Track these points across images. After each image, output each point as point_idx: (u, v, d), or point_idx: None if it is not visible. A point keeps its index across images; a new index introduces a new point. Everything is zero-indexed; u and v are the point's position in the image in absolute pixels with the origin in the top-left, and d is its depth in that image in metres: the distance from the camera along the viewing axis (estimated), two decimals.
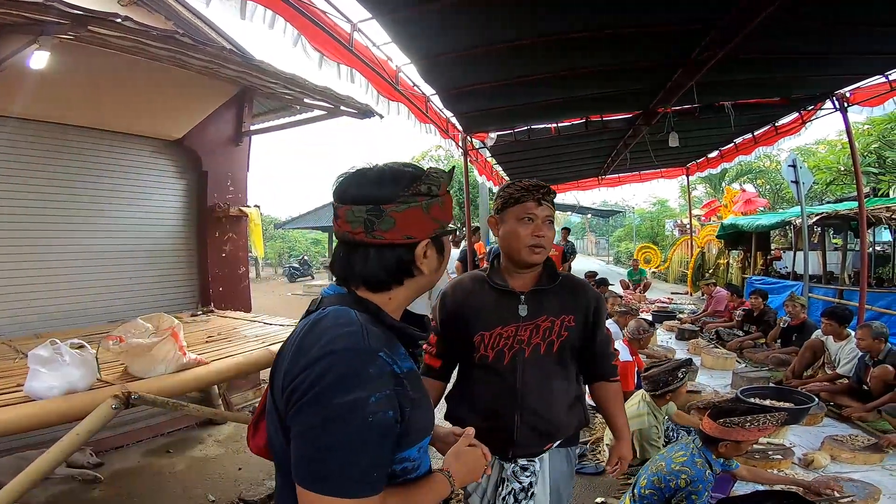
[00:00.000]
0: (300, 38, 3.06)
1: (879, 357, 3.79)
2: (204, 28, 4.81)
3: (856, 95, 5.44)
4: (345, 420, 0.74)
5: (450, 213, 0.96)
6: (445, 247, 0.99)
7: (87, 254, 4.22)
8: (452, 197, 0.98)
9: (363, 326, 0.83)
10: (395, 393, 0.79)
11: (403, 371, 0.83)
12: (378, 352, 0.80)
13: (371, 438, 0.75)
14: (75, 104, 3.89)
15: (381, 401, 0.76)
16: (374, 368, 0.78)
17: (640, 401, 3.36)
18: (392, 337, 0.89)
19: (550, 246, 1.60)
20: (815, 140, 17.20)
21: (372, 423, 0.74)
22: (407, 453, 0.86)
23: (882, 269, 9.63)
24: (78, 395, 2.00)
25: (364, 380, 0.76)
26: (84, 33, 2.83)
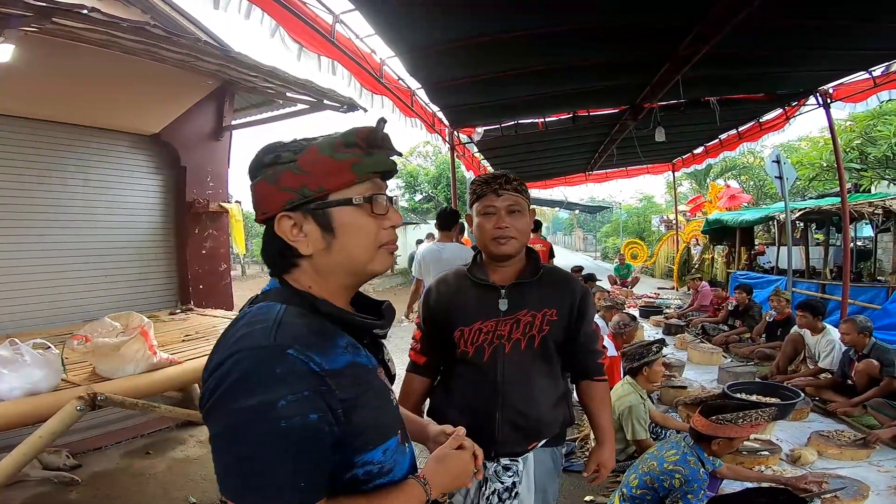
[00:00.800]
0: (278, 29, 2.97)
1: (864, 351, 3.80)
2: (183, 22, 4.69)
3: (839, 91, 5.47)
4: (249, 427, 0.66)
5: (324, 178, 0.80)
6: (338, 221, 0.82)
7: (60, 252, 4.09)
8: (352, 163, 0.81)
9: (276, 321, 0.74)
10: (317, 394, 0.69)
11: (331, 368, 0.73)
12: (287, 349, 0.70)
13: (287, 445, 0.66)
14: (47, 98, 3.77)
15: (296, 403, 0.67)
16: (283, 367, 0.68)
17: (624, 383, 3.36)
18: (330, 328, 0.80)
19: (522, 235, 1.55)
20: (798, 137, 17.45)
21: (287, 428, 0.66)
22: (368, 456, 0.79)
23: (863, 264, 9.76)
24: (41, 396, 1.92)
25: (270, 381, 0.67)
26: (49, 25, 2.73)
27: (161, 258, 4.83)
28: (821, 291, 7.22)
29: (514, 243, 1.53)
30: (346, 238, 0.83)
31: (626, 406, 3.18)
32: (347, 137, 0.82)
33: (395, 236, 0.89)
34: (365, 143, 0.83)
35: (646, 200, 28.67)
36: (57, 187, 4.06)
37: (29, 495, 3.30)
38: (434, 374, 1.72)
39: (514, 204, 1.54)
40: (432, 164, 20.51)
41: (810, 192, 14.15)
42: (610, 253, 25.62)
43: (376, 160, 0.84)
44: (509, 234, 1.52)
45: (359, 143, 0.82)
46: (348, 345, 0.81)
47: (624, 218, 28.29)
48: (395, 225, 0.88)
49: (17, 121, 3.82)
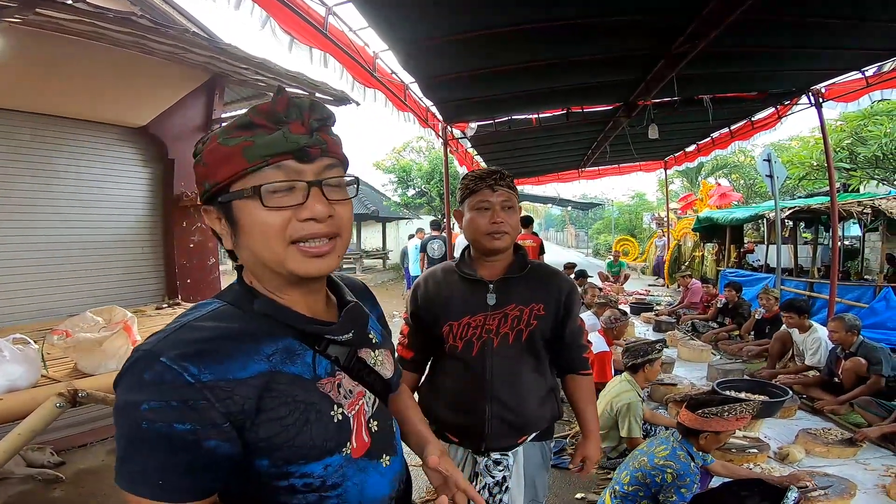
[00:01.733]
0: (269, 20, 2.91)
1: (851, 349, 3.83)
2: (173, 14, 4.60)
3: (831, 91, 5.50)
4: (119, 414, 0.67)
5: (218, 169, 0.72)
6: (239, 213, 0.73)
7: (44, 245, 4.00)
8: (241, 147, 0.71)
9: (177, 325, 0.71)
10: (187, 405, 0.64)
11: (215, 380, 0.66)
12: (160, 357, 0.65)
13: (146, 445, 0.64)
14: (32, 90, 3.68)
15: (159, 410, 0.64)
16: (150, 375, 0.65)
17: (623, 380, 3.36)
18: (257, 333, 0.73)
19: (514, 231, 1.57)
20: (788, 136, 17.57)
21: (147, 430, 0.64)
22: (307, 468, 0.73)
23: (851, 263, 9.87)
24: (20, 393, 1.87)
25: (137, 384, 0.65)
26: (33, 16, 2.67)
27: (148, 252, 4.76)
28: (809, 290, 7.28)
29: (507, 238, 1.55)
30: (247, 234, 0.74)
31: (626, 403, 3.17)
32: (241, 118, 0.72)
33: (315, 230, 0.73)
34: (267, 120, 0.71)
35: (637, 198, 28.79)
36: (41, 180, 3.98)
37: (12, 493, 3.24)
38: (421, 370, 1.73)
39: (508, 200, 1.56)
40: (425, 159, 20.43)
41: (800, 191, 14.27)
42: (602, 250, 25.71)
43: (272, 140, 0.70)
44: (504, 229, 1.53)
45: (255, 122, 0.71)
46: (276, 352, 0.73)
47: (616, 215, 28.40)
48: (314, 216, 0.72)
49: (4, 113, 3.73)
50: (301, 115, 0.73)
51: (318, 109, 0.75)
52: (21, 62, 3.27)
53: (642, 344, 3.45)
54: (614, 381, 3.48)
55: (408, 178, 18.27)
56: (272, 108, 0.72)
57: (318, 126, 0.74)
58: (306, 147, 0.72)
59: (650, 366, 3.33)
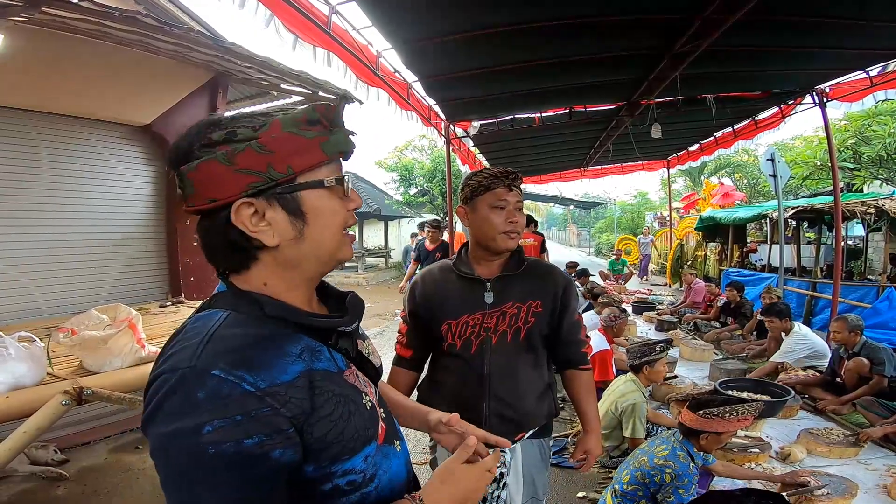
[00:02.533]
0: (273, 19, 2.92)
1: (854, 349, 3.82)
2: (177, 12, 4.62)
3: (835, 91, 5.48)
4: (172, 453, 0.60)
5: (292, 158, 0.71)
6: (308, 206, 0.74)
7: (49, 243, 4.02)
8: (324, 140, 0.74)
9: (207, 336, 0.66)
10: (252, 417, 0.61)
11: (272, 385, 0.64)
12: (211, 370, 0.61)
13: (215, 474, 0.59)
14: (37, 89, 3.70)
15: (226, 429, 0.59)
16: (204, 392, 0.60)
17: (627, 380, 3.36)
18: (279, 335, 0.71)
19: (522, 231, 1.60)
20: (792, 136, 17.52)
21: (214, 454, 0.59)
22: (349, 465, 0.72)
23: (854, 263, 9.84)
24: (25, 390, 1.88)
25: (190, 406, 0.60)
26: (39, 15, 2.67)
27: (151, 250, 4.77)
28: (811, 290, 7.27)
29: (518, 238, 1.58)
30: (318, 224, 0.74)
31: (630, 403, 3.17)
32: (310, 114, 0.74)
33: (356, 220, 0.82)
34: (326, 121, 0.75)
35: (640, 197, 28.73)
36: (47, 178, 4.00)
37: (16, 491, 3.25)
38: (419, 368, 1.74)
39: (520, 201, 1.59)
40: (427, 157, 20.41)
41: (803, 190, 14.22)
42: (604, 249, 25.68)
43: (340, 139, 0.76)
44: (518, 229, 1.56)
45: (321, 119, 0.74)
46: (303, 351, 0.72)
47: (618, 214, 28.36)
48: (358, 207, 0.81)
49: (7, 111, 3.75)
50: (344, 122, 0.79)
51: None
52: (26, 61, 3.28)
53: (641, 346, 3.46)
54: (619, 380, 3.47)
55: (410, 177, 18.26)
56: (336, 113, 0.76)
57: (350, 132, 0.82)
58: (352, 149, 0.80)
59: (650, 367, 3.33)
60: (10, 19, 2.66)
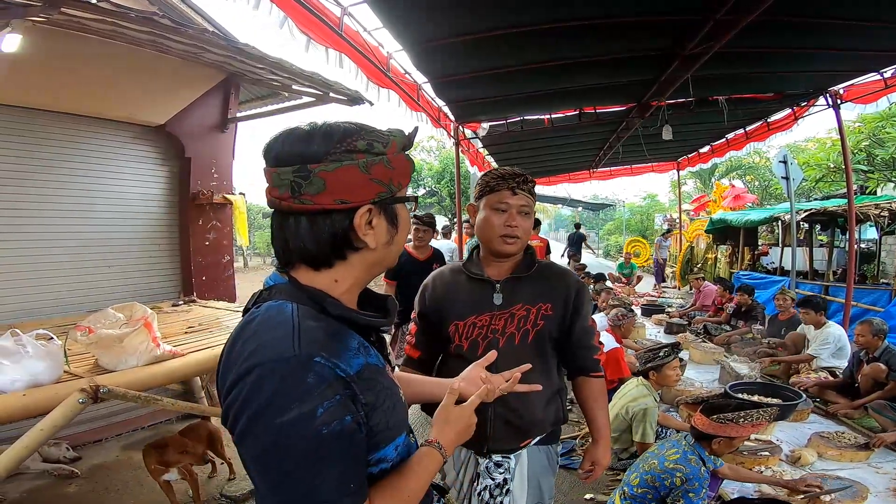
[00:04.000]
0: (287, 20, 2.95)
1: (875, 354, 3.79)
2: (189, 13, 4.65)
3: (849, 92, 5.43)
4: (293, 440, 0.65)
5: (403, 176, 0.83)
6: (400, 217, 0.86)
7: (64, 241, 4.08)
8: (412, 161, 0.87)
9: (296, 326, 0.71)
10: (346, 397, 0.69)
11: (352, 372, 0.72)
12: (314, 357, 0.68)
13: (332, 451, 0.66)
14: (52, 89, 3.75)
15: (332, 409, 0.67)
16: (313, 377, 0.67)
17: (638, 384, 3.34)
18: (341, 329, 0.77)
19: (526, 236, 1.56)
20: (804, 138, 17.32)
21: (327, 434, 0.66)
22: (382, 454, 0.79)
23: (867, 267, 9.72)
24: (42, 388, 1.91)
25: (303, 392, 0.65)
26: (57, 15, 2.72)
27: (164, 249, 4.82)
28: (824, 293, 7.19)
29: (518, 243, 1.54)
30: (402, 232, 0.87)
31: (642, 408, 3.15)
32: (404, 138, 0.85)
33: None
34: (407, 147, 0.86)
35: (649, 199, 28.57)
36: (62, 177, 4.06)
37: (28, 488, 3.28)
38: (428, 370, 1.70)
39: (526, 205, 1.55)
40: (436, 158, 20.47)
41: (816, 193, 14.06)
42: (612, 251, 25.56)
43: (414, 166, 0.88)
44: (516, 233, 1.52)
45: (407, 145, 0.85)
46: (359, 346, 0.78)
47: (627, 216, 28.21)
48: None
49: (25, 111, 3.81)
50: None
51: None
52: (42, 61, 3.33)
53: (647, 351, 3.44)
54: (630, 384, 3.46)
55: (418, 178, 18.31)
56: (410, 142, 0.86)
57: None
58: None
59: (657, 372, 3.31)
60: (28, 19, 2.70)
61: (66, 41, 3.20)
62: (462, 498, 1.59)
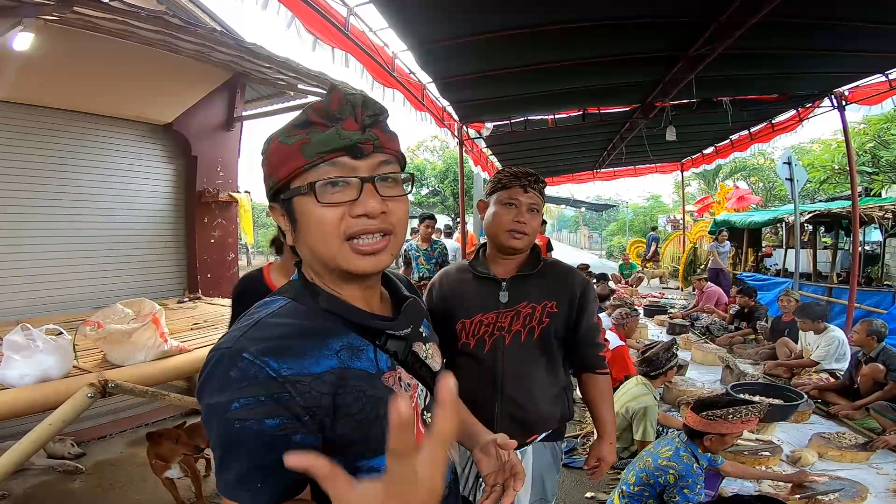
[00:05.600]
0: (294, 20, 2.97)
1: (871, 354, 3.79)
2: (197, 12, 4.69)
3: (854, 94, 5.42)
4: (210, 421, 0.67)
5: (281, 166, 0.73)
6: (299, 209, 0.74)
7: (73, 238, 4.13)
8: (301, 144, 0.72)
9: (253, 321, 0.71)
10: (274, 400, 0.65)
11: (294, 374, 0.67)
12: (242, 352, 0.66)
13: (241, 446, 0.64)
14: (62, 87, 3.80)
15: (249, 407, 0.64)
16: (236, 372, 0.65)
17: (638, 383, 3.36)
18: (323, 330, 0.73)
19: (533, 234, 1.58)
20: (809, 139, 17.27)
21: (239, 429, 0.63)
22: (374, 463, 0.73)
23: (871, 269, 9.68)
24: (52, 383, 1.93)
25: (223, 383, 0.65)
26: (69, 14, 2.75)
27: (170, 246, 4.86)
28: (827, 295, 7.18)
29: (525, 240, 1.56)
30: (304, 230, 0.75)
31: (643, 407, 3.18)
32: (299, 116, 0.74)
33: (368, 226, 0.73)
34: (321, 118, 0.72)
35: (653, 200, 28.52)
36: (71, 175, 4.10)
37: (33, 483, 3.28)
38: None
39: (536, 204, 1.57)
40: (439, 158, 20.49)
41: (820, 195, 14.02)
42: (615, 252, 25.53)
43: (326, 136, 0.71)
44: (525, 230, 1.54)
45: (312, 119, 0.72)
46: (343, 348, 0.73)
47: (630, 217, 28.16)
48: (366, 213, 0.72)
49: (35, 109, 3.85)
50: (353, 112, 0.72)
51: (370, 106, 0.74)
52: (53, 60, 3.37)
53: (660, 352, 3.43)
54: (630, 382, 3.47)
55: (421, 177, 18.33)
56: (326, 106, 0.72)
57: (371, 122, 0.74)
58: (359, 143, 0.72)
59: (664, 375, 3.36)
60: (40, 18, 2.73)
61: (77, 40, 3.23)
62: (468, 493, 1.61)
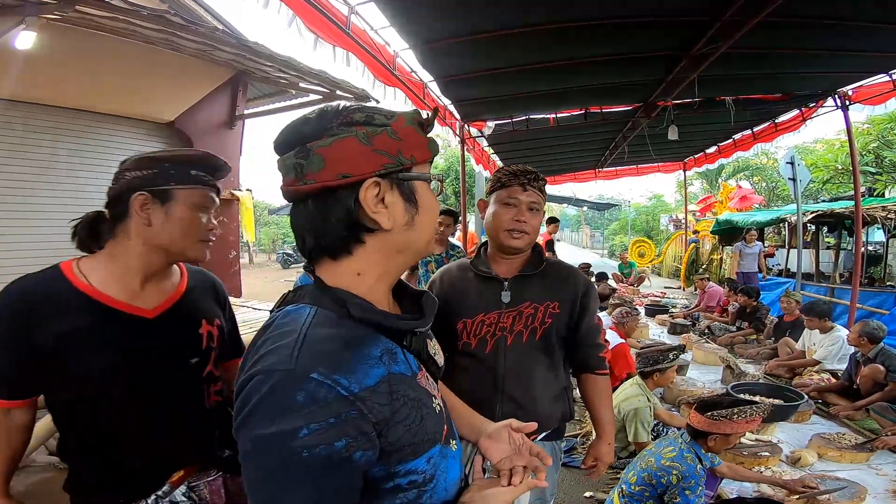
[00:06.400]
0: (295, 19, 2.99)
1: (870, 355, 3.79)
2: (199, 11, 4.71)
3: (858, 94, 5.40)
4: (266, 454, 0.62)
5: (415, 149, 0.76)
6: (420, 195, 0.77)
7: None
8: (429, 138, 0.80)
9: (301, 336, 0.67)
10: (344, 421, 0.63)
11: (361, 389, 0.65)
12: (310, 373, 0.63)
13: (305, 477, 0.62)
14: (65, 85, 3.83)
15: (319, 433, 0.61)
16: (303, 396, 0.62)
17: (634, 383, 3.37)
18: (364, 336, 0.72)
19: (534, 233, 1.57)
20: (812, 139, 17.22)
21: (307, 458, 0.61)
22: (412, 465, 0.73)
23: (873, 269, 9.66)
24: None
25: (289, 409, 0.61)
26: (72, 13, 2.77)
27: None
28: (829, 295, 7.16)
29: (526, 239, 1.55)
30: (425, 215, 0.78)
31: (633, 409, 3.19)
32: (419, 116, 0.80)
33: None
34: (426, 125, 0.81)
35: (655, 199, 28.46)
36: (74, 173, 4.13)
37: (34, 480, 3.28)
38: None
39: (536, 202, 1.56)
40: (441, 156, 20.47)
41: (822, 195, 13.98)
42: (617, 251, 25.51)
43: (435, 144, 0.82)
44: (525, 229, 1.54)
45: (424, 124, 0.80)
46: (384, 353, 0.72)
47: (632, 216, 28.11)
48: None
49: (37, 107, 3.89)
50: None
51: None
52: (56, 58, 3.39)
53: (654, 352, 3.42)
54: (627, 382, 3.48)
55: None
56: (430, 121, 0.80)
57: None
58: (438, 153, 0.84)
59: (661, 374, 3.34)
60: (43, 17, 2.75)
61: (79, 39, 3.26)
62: None
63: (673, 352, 3.41)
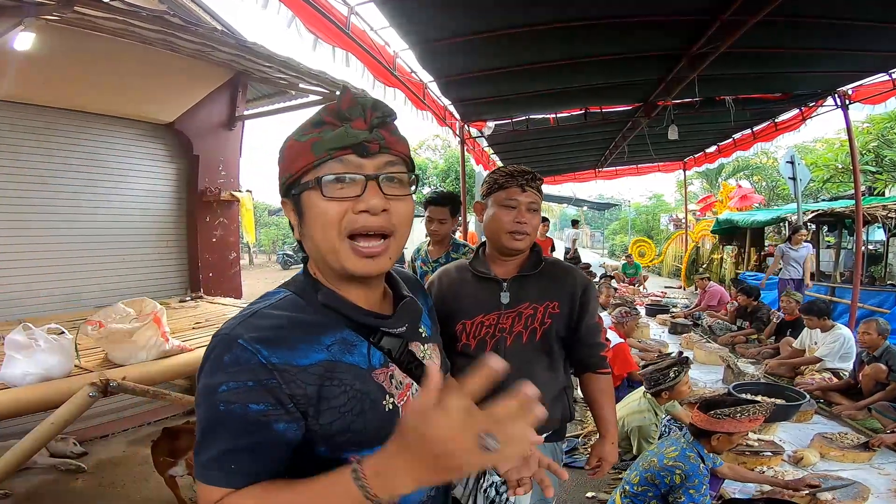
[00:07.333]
0: (294, 20, 2.97)
1: (875, 354, 3.79)
2: (198, 11, 4.70)
3: (858, 93, 5.40)
4: (200, 403, 0.71)
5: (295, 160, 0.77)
6: (305, 203, 0.76)
7: (73, 238, 4.14)
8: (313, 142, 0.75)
9: (252, 310, 0.76)
10: (261, 386, 0.69)
11: (283, 363, 0.70)
12: (237, 339, 0.70)
13: (222, 427, 0.68)
14: (64, 86, 3.81)
15: (237, 391, 0.68)
16: (229, 356, 0.70)
17: (642, 398, 3.35)
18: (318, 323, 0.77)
19: (534, 233, 1.56)
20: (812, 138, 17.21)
21: (223, 411, 0.68)
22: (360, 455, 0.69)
23: (874, 268, 9.66)
24: (54, 382, 1.94)
25: (217, 367, 0.70)
26: (70, 14, 2.76)
27: (172, 246, 4.87)
28: (830, 294, 7.15)
29: (527, 240, 1.55)
30: (309, 224, 0.78)
31: (636, 426, 3.21)
32: (314, 116, 0.78)
33: (370, 223, 0.75)
34: (333, 118, 0.76)
35: (655, 199, 28.44)
36: (73, 175, 4.12)
37: (35, 482, 3.29)
38: None
39: (534, 202, 1.56)
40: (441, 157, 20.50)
41: (823, 194, 13.98)
42: (617, 251, 25.49)
43: (335, 135, 0.74)
44: (526, 230, 1.53)
45: (325, 119, 0.76)
46: (335, 343, 0.77)
47: (632, 216, 28.10)
48: (369, 209, 0.74)
49: (37, 109, 3.87)
50: (363, 113, 0.76)
51: (379, 107, 0.78)
52: (55, 59, 3.38)
53: (654, 371, 3.33)
54: (636, 394, 3.47)
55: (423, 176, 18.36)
56: (338, 107, 0.76)
57: (378, 123, 0.77)
58: (365, 142, 0.75)
59: (670, 391, 3.27)
60: (41, 18, 2.74)
61: (78, 40, 3.25)
62: (468, 495, 1.60)
63: (673, 368, 3.29)
